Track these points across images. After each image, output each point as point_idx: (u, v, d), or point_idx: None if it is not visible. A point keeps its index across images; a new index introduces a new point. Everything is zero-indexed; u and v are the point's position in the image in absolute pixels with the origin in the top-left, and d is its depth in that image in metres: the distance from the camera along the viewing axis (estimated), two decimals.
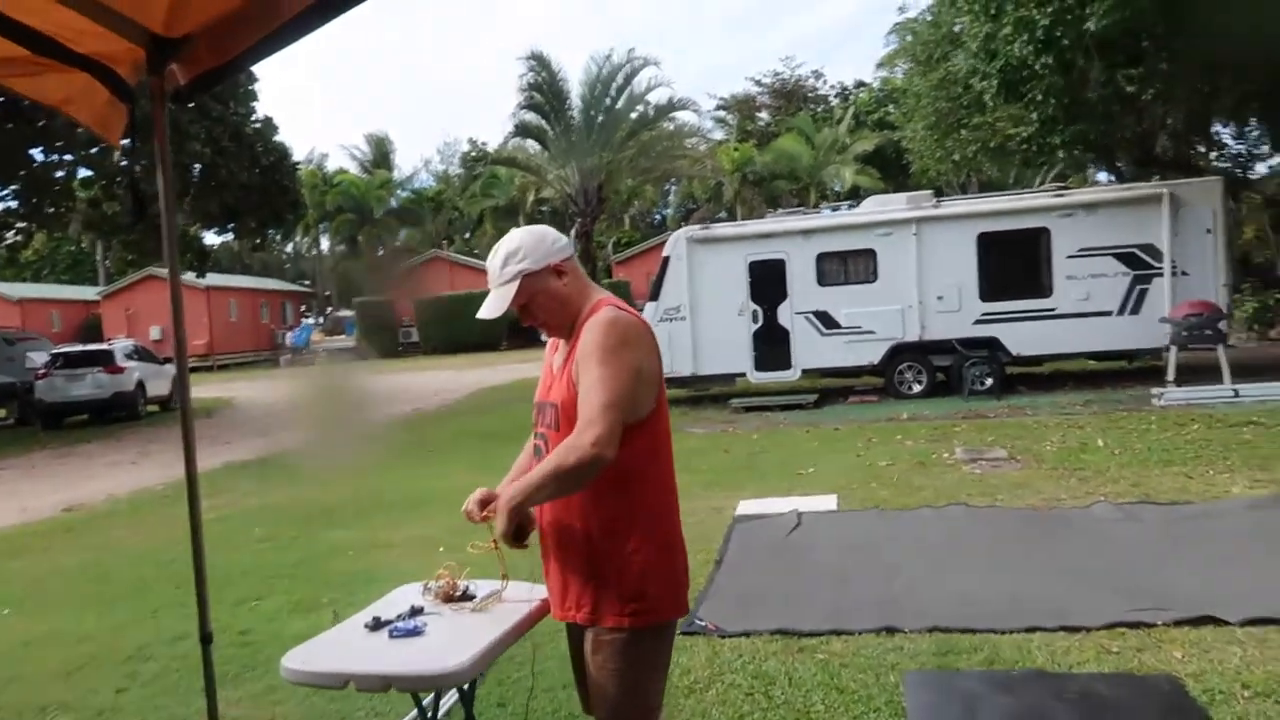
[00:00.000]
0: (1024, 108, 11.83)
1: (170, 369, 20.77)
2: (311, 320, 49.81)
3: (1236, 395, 10.74)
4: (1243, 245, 18.55)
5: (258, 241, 21.41)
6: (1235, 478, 6.70)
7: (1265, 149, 20.23)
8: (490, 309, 2.33)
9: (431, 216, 52.25)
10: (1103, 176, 25.52)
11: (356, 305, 39.73)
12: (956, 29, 21.13)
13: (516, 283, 2.28)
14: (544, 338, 2.50)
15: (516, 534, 2.29)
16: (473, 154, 53.05)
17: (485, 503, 2.54)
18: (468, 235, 53.81)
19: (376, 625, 2.45)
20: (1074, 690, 3.29)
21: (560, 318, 2.32)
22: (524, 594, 2.63)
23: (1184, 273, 12.51)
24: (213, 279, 36.34)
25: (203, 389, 26.11)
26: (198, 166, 15.51)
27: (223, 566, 6.32)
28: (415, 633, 2.39)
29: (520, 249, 2.29)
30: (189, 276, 26.63)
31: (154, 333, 36.88)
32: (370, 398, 21.16)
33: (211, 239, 40.93)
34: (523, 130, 23.09)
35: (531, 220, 46.63)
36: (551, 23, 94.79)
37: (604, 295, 2.35)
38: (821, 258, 13.55)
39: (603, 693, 2.24)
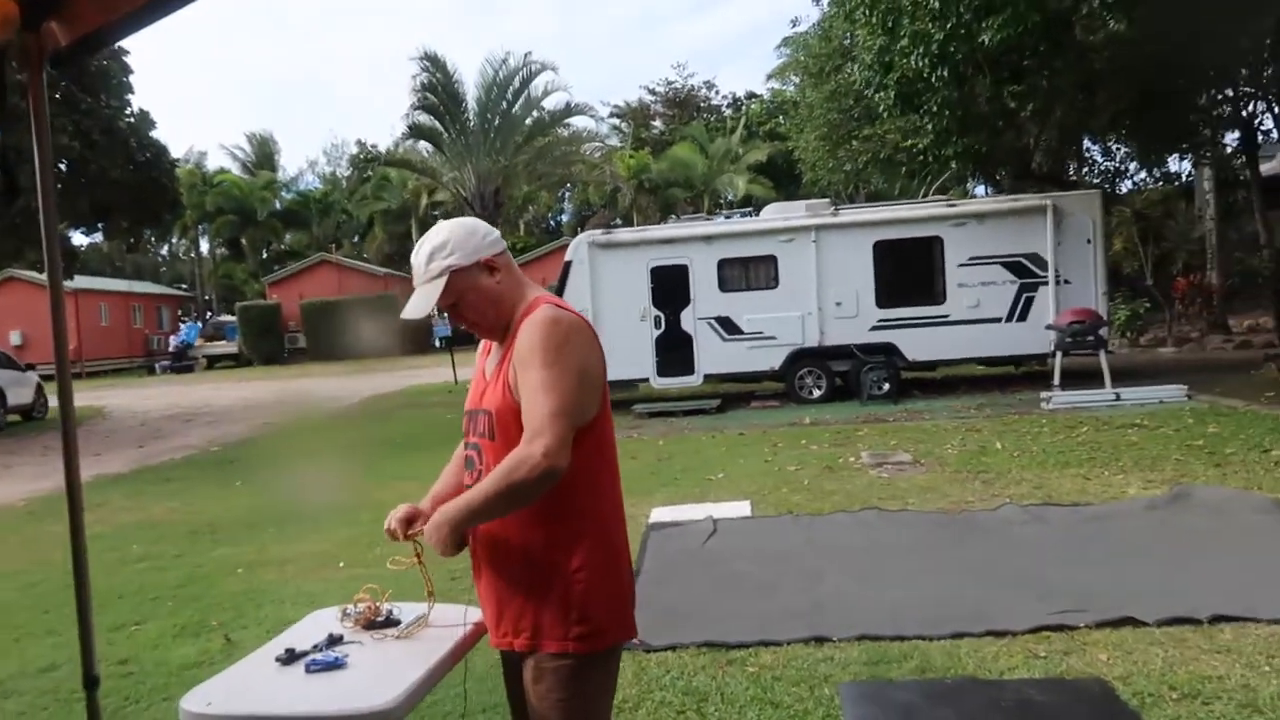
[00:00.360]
0: (919, 120, 12.13)
1: (33, 376, 19.38)
2: (188, 325, 47.53)
3: (1118, 399, 11.22)
4: (1114, 257, 19.51)
5: (130, 242, 20.14)
6: (1129, 478, 6.94)
7: (1131, 166, 21.43)
8: (415, 308, 2.11)
9: (318, 220, 50.60)
10: (980, 190, 26.64)
11: (239, 309, 38.10)
12: (848, 42, 21.73)
13: (443, 280, 2.07)
14: (478, 340, 2.28)
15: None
16: (362, 156, 51.61)
17: (410, 520, 2.32)
18: (356, 239, 52.32)
19: (290, 658, 2.17)
20: (1009, 698, 3.24)
21: (493, 318, 2.12)
22: (455, 617, 2.40)
23: (1067, 281, 13.04)
24: (81, 281, 34.29)
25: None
26: (65, 161, 14.47)
27: (97, 588, 5.78)
28: (336, 666, 2.13)
29: (448, 243, 2.08)
30: None
31: (14, 338, 34.49)
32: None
33: (80, 239, 38.73)
34: (416, 132, 22.51)
35: (424, 225, 45.68)
36: (441, 25, 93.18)
37: (541, 293, 2.15)
38: (723, 264, 13.59)
39: None
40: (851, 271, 13.27)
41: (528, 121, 23.77)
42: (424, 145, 25.41)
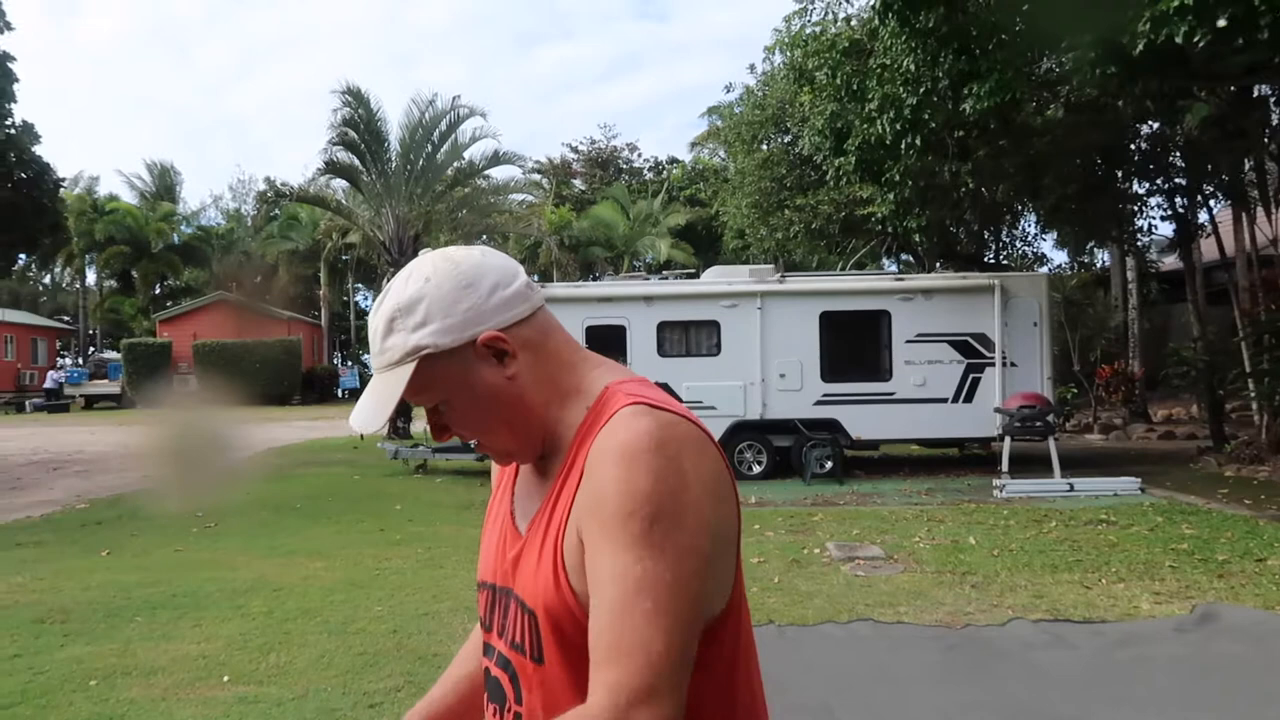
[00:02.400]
0: (880, 189, 11.69)
1: None
2: (69, 361, 44.29)
3: (1071, 489, 10.76)
4: None
5: (3, 265, 18.25)
6: (1131, 589, 6.28)
7: (1045, 251, 21.76)
8: (364, 415, 1.16)
9: (219, 257, 48.16)
10: (892, 268, 26.82)
11: (125, 346, 35.56)
12: (786, 110, 21.62)
13: (407, 369, 1.13)
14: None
15: None
16: (270, 193, 49.60)
17: None
18: (259, 280, 49.98)
19: None
20: None
21: (505, 436, 1.18)
22: None
23: (1013, 364, 12.67)
24: None
25: None
26: None
27: None
28: None
29: (419, 302, 1.13)
30: None
31: None
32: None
33: None
34: (333, 168, 21.24)
35: (333, 269, 43.92)
36: (354, 74, 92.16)
37: (615, 375, 1.19)
38: (663, 326, 12.81)
39: None
40: (797, 342, 12.65)
41: (452, 167, 22.80)
42: (339, 184, 24.11)
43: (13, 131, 14.57)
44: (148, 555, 8.26)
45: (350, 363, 45.50)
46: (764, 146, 24.37)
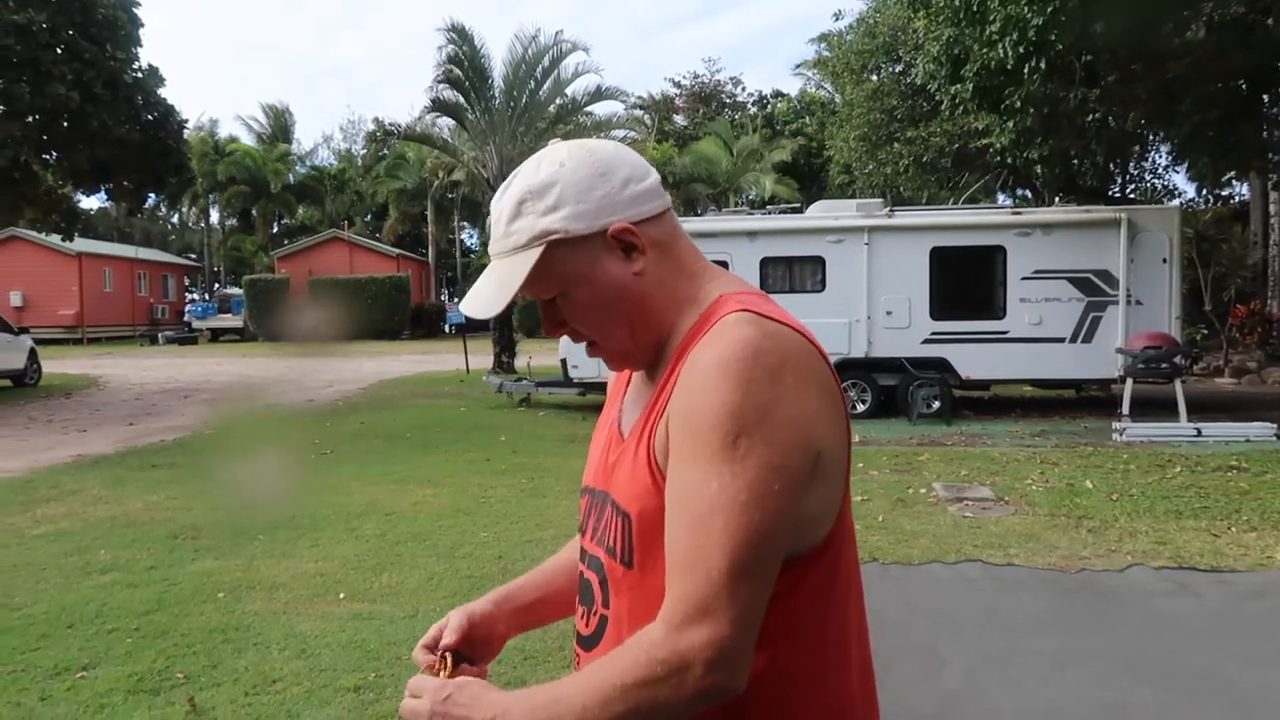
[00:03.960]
0: (999, 118, 11.09)
1: (27, 340, 18.45)
2: (197, 296, 46.65)
3: (1199, 434, 10.19)
4: None
5: (134, 205, 19.16)
6: (1264, 538, 5.93)
7: (1178, 184, 20.42)
8: (481, 301, 1.11)
9: (332, 196, 49.57)
10: (1007, 203, 25.57)
11: (246, 283, 37.13)
12: (899, 37, 20.71)
13: (535, 252, 1.08)
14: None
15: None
16: (379, 133, 50.50)
17: (459, 638, 1.30)
18: (370, 218, 51.31)
19: None
20: None
21: (623, 335, 1.13)
22: None
23: (1138, 302, 11.98)
24: (85, 245, 33.39)
25: (67, 364, 23.62)
26: (64, 115, 13.48)
27: (46, 609, 4.86)
28: None
29: (553, 185, 1.08)
30: (55, 239, 24.15)
31: (15, 299, 33.61)
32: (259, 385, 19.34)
33: (88, 203, 37.84)
34: (439, 106, 21.42)
35: (439, 207, 44.69)
36: (458, 14, 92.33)
37: (730, 286, 1.13)
38: (766, 262, 12.57)
39: None
40: (905, 279, 12.23)
41: (555, 104, 22.71)
42: (445, 122, 24.32)
43: (140, 75, 15.14)
44: (265, 481, 8.65)
45: (457, 299, 46.50)
46: (874, 77, 23.47)
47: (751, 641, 0.97)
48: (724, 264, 12.21)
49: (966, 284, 12.50)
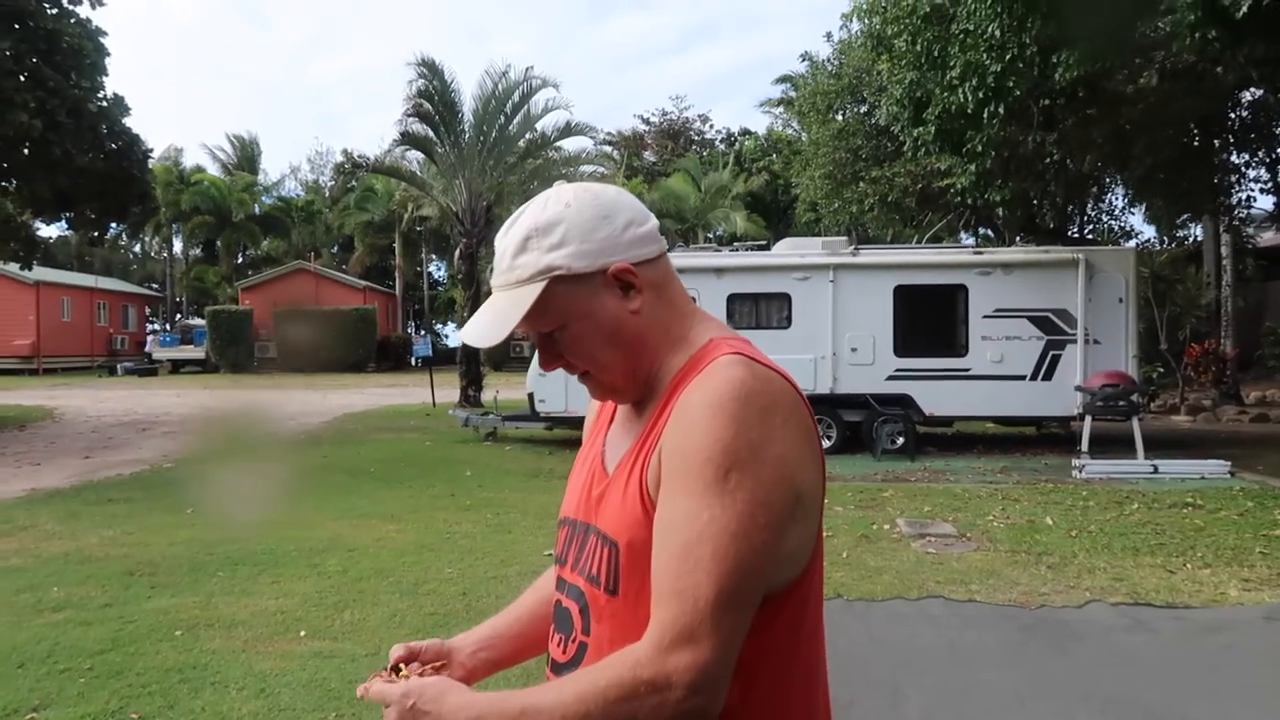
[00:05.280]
0: (961, 160, 11.35)
1: None
2: (158, 327, 45.99)
3: (1156, 471, 10.37)
4: None
5: (95, 234, 18.93)
6: (1218, 574, 6.05)
7: (1133, 225, 20.93)
8: (482, 329, 1.15)
9: (299, 227, 49.30)
10: (969, 241, 26.07)
11: (209, 313, 36.72)
12: (863, 79, 21.13)
13: (537, 287, 1.12)
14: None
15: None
16: (348, 164, 50.44)
17: (423, 659, 1.30)
18: (336, 250, 51.07)
19: None
20: None
21: (619, 371, 1.18)
22: None
23: (1096, 341, 12.24)
24: (44, 274, 32.88)
25: (22, 395, 23.20)
26: (25, 143, 13.33)
27: None
28: None
29: (558, 224, 1.14)
30: (13, 268, 23.76)
31: None
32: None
33: (47, 231, 37.29)
34: (409, 140, 21.48)
35: (408, 240, 44.55)
36: (429, 49, 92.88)
37: (719, 331, 1.19)
38: (733, 298, 12.70)
39: None
40: (870, 316, 12.41)
41: (525, 139, 22.84)
42: (414, 155, 24.37)
43: (105, 104, 15.03)
44: (228, 514, 8.52)
45: (423, 332, 46.31)
46: (839, 117, 23.86)
47: (730, 669, 1.01)
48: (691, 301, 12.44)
49: (930, 322, 12.71)
